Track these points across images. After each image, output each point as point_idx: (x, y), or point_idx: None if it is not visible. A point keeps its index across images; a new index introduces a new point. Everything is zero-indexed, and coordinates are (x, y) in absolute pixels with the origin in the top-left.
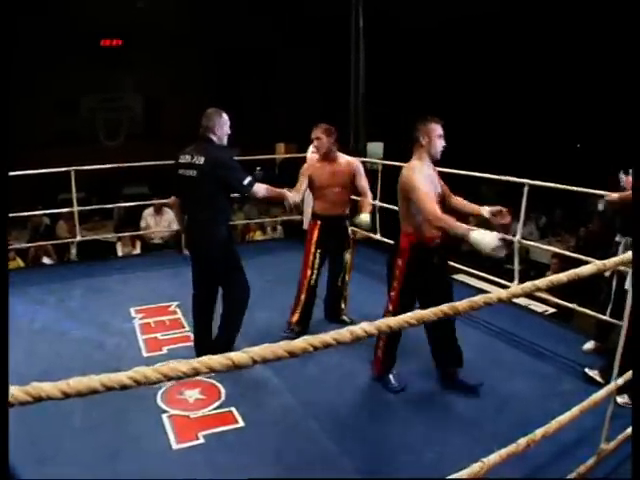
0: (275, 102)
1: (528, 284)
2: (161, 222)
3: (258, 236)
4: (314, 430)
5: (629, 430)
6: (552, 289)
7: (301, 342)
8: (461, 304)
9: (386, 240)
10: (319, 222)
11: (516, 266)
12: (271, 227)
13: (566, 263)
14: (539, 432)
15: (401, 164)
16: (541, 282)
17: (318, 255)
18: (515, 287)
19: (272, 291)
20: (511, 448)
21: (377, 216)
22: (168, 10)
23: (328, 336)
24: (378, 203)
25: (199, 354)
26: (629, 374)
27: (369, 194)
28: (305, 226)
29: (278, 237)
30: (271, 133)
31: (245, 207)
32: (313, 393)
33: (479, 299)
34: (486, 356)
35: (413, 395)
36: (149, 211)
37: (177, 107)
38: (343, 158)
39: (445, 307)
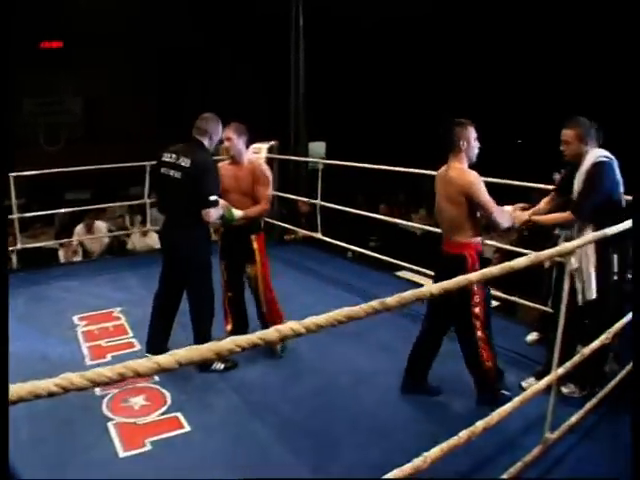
0: (217, 102)
1: (461, 278)
2: (92, 242)
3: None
4: (260, 430)
5: (573, 419)
6: (496, 282)
7: (228, 342)
8: (391, 300)
9: (327, 239)
10: (222, 230)
11: None
12: (214, 230)
13: (508, 257)
14: (480, 424)
15: (345, 163)
16: (473, 276)
17: (224, 267)
18: (448, 281)
19: None
20: (452, 441)
21: (318, 216)
22: (108, 10)
23: (254, 336)
24: (319, 202)
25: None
26: (569, 364)
27: (262, 203)
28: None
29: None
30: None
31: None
32: (258, 393)
33: (409, 294)
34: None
35: (360, 392)
36: (80, 228)
37: (118, 109)
38: (249, 162)
39: (375, 303)
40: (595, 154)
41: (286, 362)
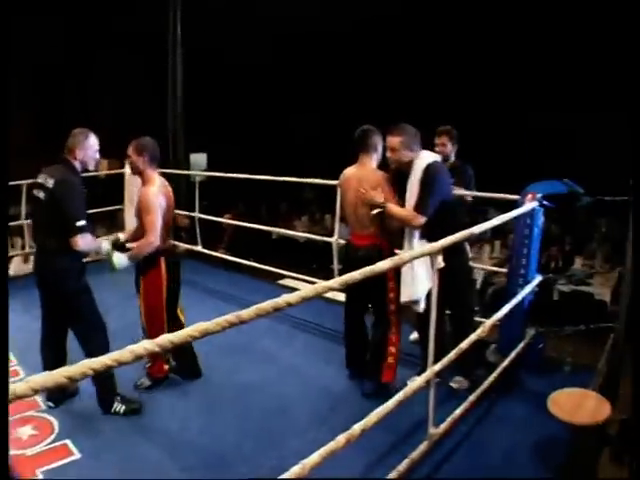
0: (97, 115)
1: (319, 285)
2: None
3: None
4: (150, 451)
5: (457, 412)
6: None
7: (81, 366)
8: (247, 312)
9: (207, 251)
10: None
11: (335, 266)
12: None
13: None
14: (357, 427)
15: (227, 175)
16: (335, 282)
17: None
18: (306, 289)
19: (107, 314)
20: (331, 446)
21: (197, 229)
22: None
23: (106, 358)
24: (197, 215)
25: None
26: (445, 360)
27: (147, 236)
28: (129, 244)
29: (103, 257)
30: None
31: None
32: (145, 415)
33: (267, 305)
34: (320, 356)
35: (248, 404)
36: None
37: None
38: (152, 183)
39: (230, 317)
40: (425, 158)
41: (172, 380)
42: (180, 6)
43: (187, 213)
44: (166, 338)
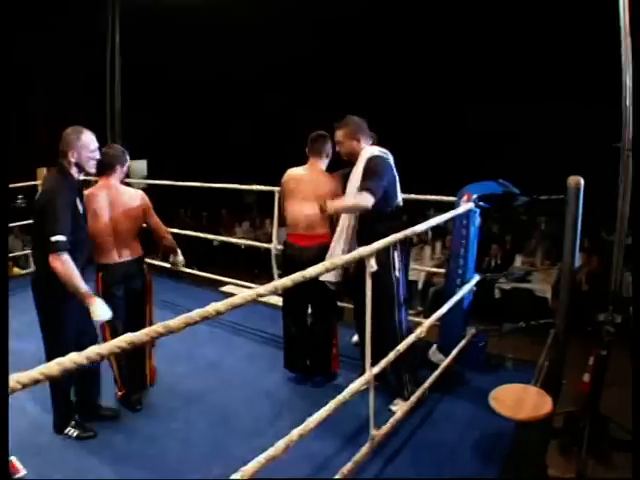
0: (35, 122)
1: (247, 293)
2: None
3: (17, 272)
4: (97, 466)
5: (399, 413)
6: None
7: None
8: (175, 322)
9: (148, 260)
10: None
11: (275, 271)
12: (27, 260)
13: None
14: (295, 432)
15: (167, 182)
16: (263, 288)
17: None
18: (237, 297)
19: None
20: (270, 452)
21: None
22: None
23: (36, 371)
24: None
25: None
26: (383, 362)
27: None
28: None
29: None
30: (31, 157)
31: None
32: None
33: (195, 314)
34: (262, 362)
35: (191, 414)
36: None
37: None
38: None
39: (158, 327)
40: (370, 151)
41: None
42: (119, 15)
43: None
44: (94, 350)
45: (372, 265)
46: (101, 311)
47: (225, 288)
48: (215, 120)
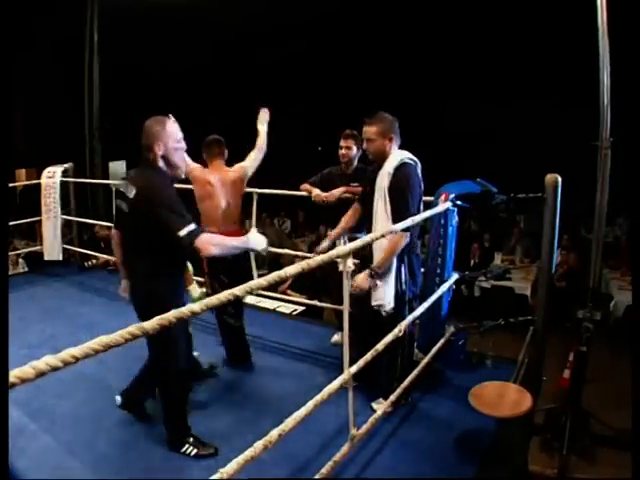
0: (13, 123)
1: (222, 294)
2: None
3: None
4: (76, 468)
5: (379, 411)
6: (302, 288)
7: None
8: (149, 323)
9: None
10: None
11: (255, 272)
12: (12, 262)
13: None
14: (275, 432)
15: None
16: (239, 289)
17: None
18: (212, 297)
19: (31, 329)
20: (248, 453)
21: None
22: None
23: (11, 375)
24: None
25: None
26: (361, 361)
27: None
28: (47, 257)
29: (22, 272)
30: (10, 158)
31: None
32: (70, 431)
33: (169, 315)
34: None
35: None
36: None
37: None
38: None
39: (132, 328)
40: (399, 155)
41: (97, 393)
42: (97, 15)
43: (107, 224)
44: (68, 353)
45: (349, 265)
46: (260, 240)
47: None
48: (195, 119)
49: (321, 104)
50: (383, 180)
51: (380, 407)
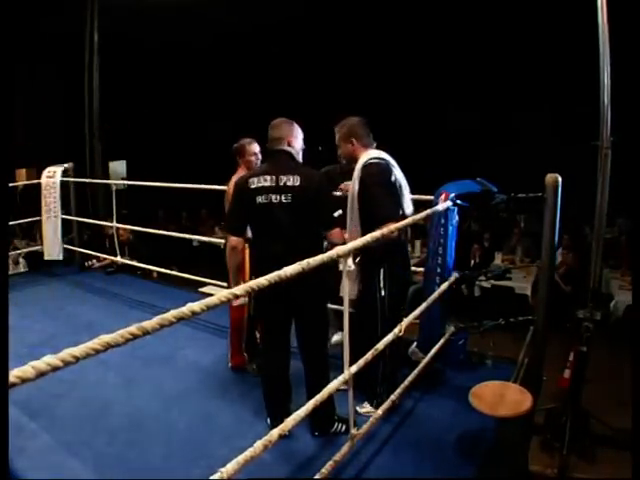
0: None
1: (222, 293)
2: None
3: None
4: (77, 468)
5: (379, 412)
6: None
7: None
8: (149, 323)
9: (128, 262)
10: None
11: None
12: (13, 261)
13: None
14: (275, 432)
15: (146, 183)
16: (239, 289)
17: None
18: (213, 297)
19: (31, 328)
20: (248, 453)
21: (116, 239)
22: None
23: (11, 375)
24: (115, 225)
25: None
26: (362, 361)
27: None
28: (47, 256)
29: (22, 271)
30: (10, 158)
31: None
32: (71, 430)
33: (170, 315)
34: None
35: (172, 417)
36: None
37: None
38: None
39: (133, 328)
40: (365, 156)
41: (95, 393)
42: (97, 14)
43: (106, 223)
44: (69, 353)
45: (349, 265)
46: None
47: (204, 289)
48: (194, 121)
49: (321, 104)
50: (355, 185)
51: (364, 411)
